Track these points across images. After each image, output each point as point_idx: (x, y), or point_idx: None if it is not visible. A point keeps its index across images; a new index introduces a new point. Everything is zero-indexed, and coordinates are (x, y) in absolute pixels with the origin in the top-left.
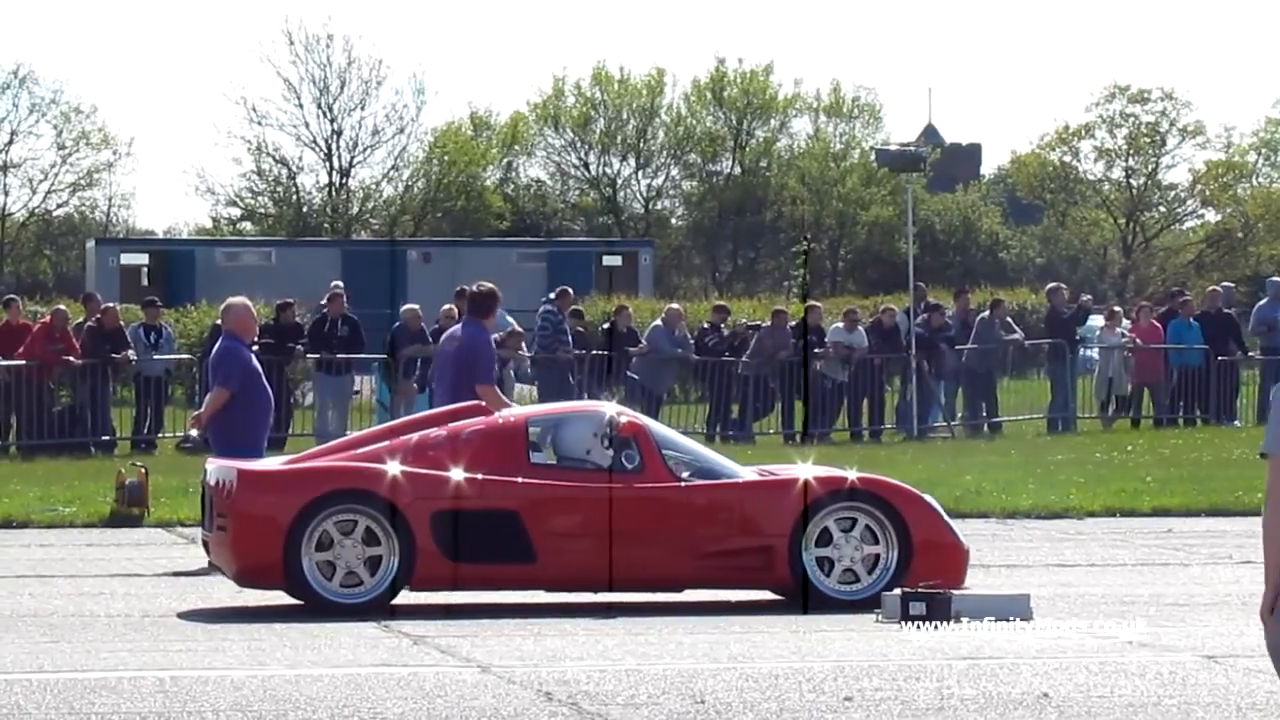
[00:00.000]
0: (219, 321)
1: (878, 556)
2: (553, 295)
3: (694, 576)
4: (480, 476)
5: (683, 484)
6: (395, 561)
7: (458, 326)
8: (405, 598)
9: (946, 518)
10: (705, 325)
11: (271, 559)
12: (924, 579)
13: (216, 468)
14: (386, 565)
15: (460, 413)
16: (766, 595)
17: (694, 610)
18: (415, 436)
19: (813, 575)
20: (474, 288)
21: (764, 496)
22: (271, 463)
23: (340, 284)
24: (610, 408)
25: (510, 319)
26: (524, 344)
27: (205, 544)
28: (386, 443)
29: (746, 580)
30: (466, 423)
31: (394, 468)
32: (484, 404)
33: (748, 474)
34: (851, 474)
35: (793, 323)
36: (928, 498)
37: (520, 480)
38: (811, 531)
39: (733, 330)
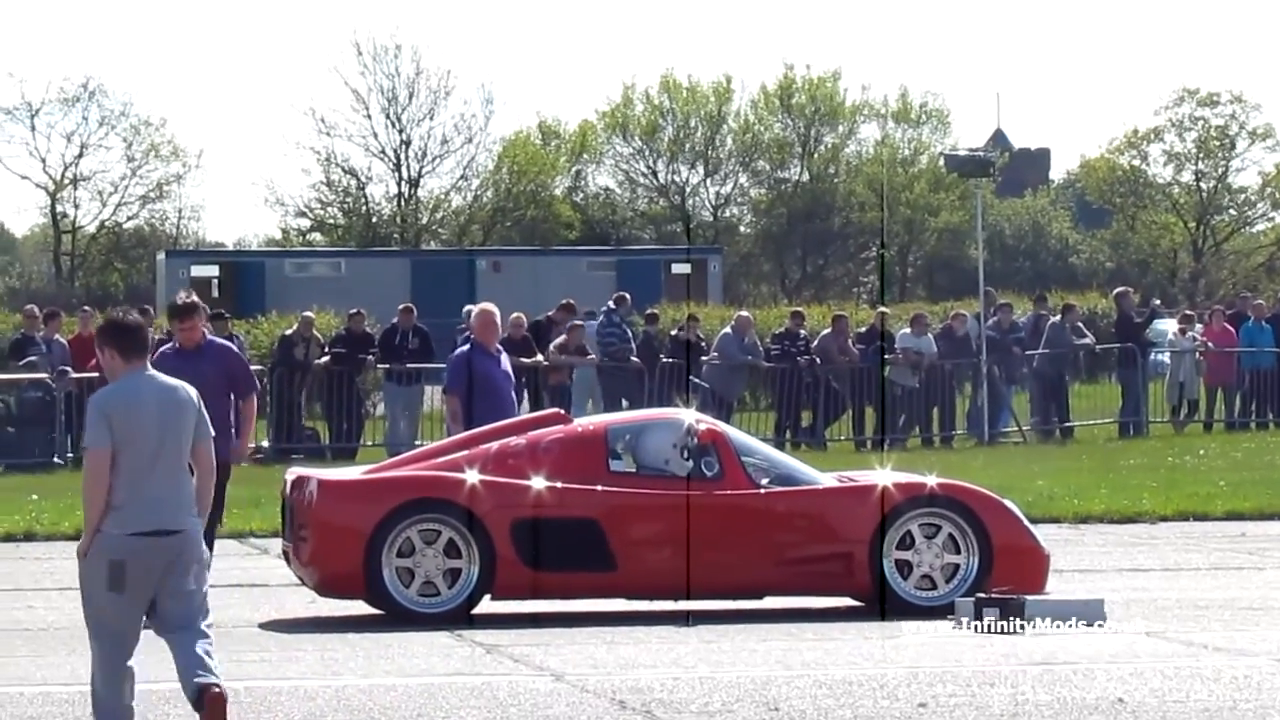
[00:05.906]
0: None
1: (957, 567)
2: (612, 303)
3: (774, 583)
4: (560, 485)
5: (762, 490)
6: (475, 572)
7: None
8: (478, 606)
9: (1027, 523)
10: (777, 332)
11: (352, 568)
12: (1005, 584)
13: (296, 478)
14: (465, 576)
15: (539, 421)
16: (840, 602)
17: (767, 617)
18: (495, 445)
19: (891, 579)
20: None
21: (844, 502)
22: (351, 472)
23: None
24: (689, 415)
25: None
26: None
27: (285, 554)
28: (466, 452)
29: (827, 586)
30: (546, 431)
31: (473, 476)
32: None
33: (827, 480)
34: (931, 479)
35: (862, 329)
36: (1008, 502)
37: (600, 488)
38: (892, 536)
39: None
